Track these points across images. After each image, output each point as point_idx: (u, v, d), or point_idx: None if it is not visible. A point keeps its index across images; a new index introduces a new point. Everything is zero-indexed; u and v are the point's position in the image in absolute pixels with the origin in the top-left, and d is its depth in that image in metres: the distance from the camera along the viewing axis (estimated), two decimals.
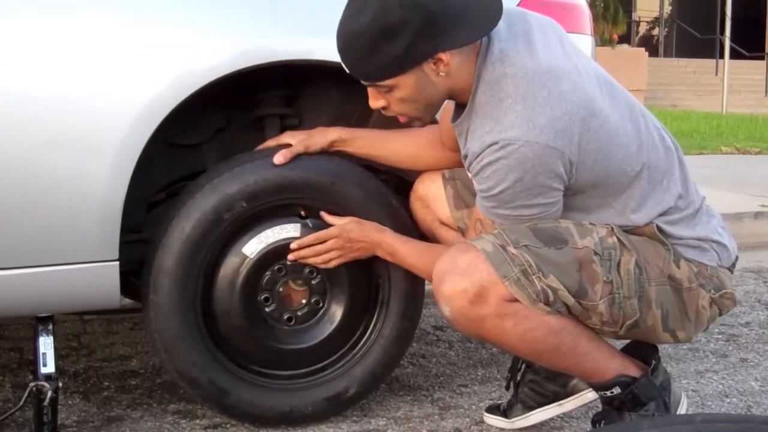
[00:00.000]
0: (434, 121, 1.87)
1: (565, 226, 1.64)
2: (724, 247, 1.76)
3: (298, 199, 1.93)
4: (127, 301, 2.57)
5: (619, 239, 1.65)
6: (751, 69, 15.99)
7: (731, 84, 13.79)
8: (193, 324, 1.88)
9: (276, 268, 1.94)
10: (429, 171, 2.00)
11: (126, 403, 2.14)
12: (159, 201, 2.06)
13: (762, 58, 16.28)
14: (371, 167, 2.02)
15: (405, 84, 1.61)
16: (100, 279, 1.81)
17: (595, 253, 1.62)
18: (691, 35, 16.95)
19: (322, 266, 1.92)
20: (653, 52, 17.91)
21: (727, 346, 2.64)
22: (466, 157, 1.67)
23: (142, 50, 1.78)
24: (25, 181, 1.72)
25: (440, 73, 1.61)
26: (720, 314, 1.79)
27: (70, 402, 2.13)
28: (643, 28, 20.77)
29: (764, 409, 2.18)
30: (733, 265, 1.80)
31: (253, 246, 1.91)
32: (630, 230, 1.68)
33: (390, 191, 2.02)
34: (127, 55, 1.77)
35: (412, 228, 2.04)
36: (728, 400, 2.22)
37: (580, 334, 1.65)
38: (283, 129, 2.08)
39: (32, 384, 1.76)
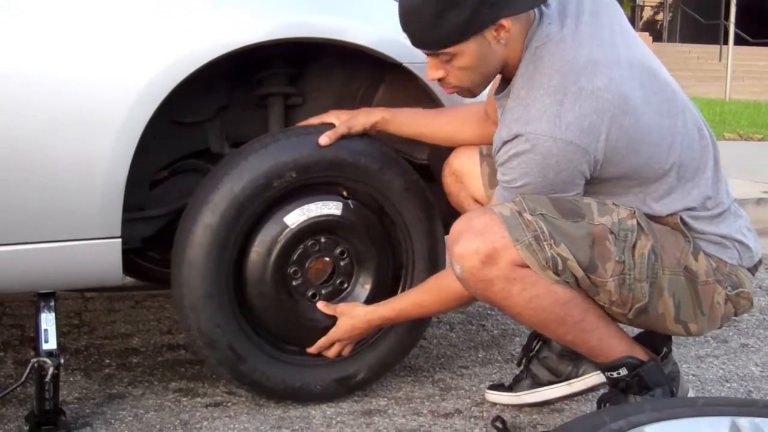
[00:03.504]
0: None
1: (587, 202, 1.64)
2: (747, 247, 1.76)
3: (344, 178, 1.94)
4: (129, 280, 2.59)
5: (638, 223, 1.64)
6: (755, 55, 15.93)
7: (735, 70, 13.74)
8: (223, 285, 1.88)
9: (310, 243, 1.95)
10: (465, 146, 1.98)
11: (127, 381, 2.15)
12: (161, 179, 2.06)
13: (766, 44, 16.21)
14: None
15: (467, 52, 1.61)
16: (102, 256, 1.80)
17: (611, 232, 1.61)
18: (695, 20, 16.89)
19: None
20: (657, 37, 17.85)
21: (728, 332, 2.64)
22: (495, 141, 1.67)
23: (147, 26, 1.77)
24: (28, 157, 1.71)
25: (501, 41, 1.61)
26: (735, 314, 1.78)
27: (71, 379, 2.14)
28: (647, 13, 20.68)
29: (764, 393, 2.18)
30: (755, 266, 1.79)
31: (295, 217, 1.92)
32: (654, 219, 1.68)
33: (426, 186, 2.03)
34: (130, 31, 1.76)
35: (442, 226, 2.04)
36: (728, 385, 2.22)
37: (588, 309, 1.65)
38: (286, 108, 2.08)
39: (34, 360, 1.76)
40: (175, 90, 1.77)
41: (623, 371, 1.71)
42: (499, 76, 1.74)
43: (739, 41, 14.91)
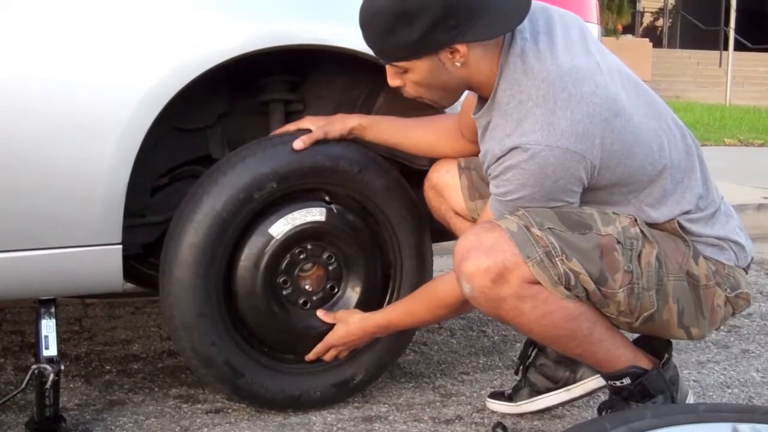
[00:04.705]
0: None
1: (589, 212, 1.63)
2: (741, 247, 1.76)
3: (325, 183, 1.94)
4: (129, 286, 2.59)
5: (641, 230, 1.64)
6: (755, 61, 15.96)
7: (735, 76, 13.76)
8: (214, 302, 1.88)
9: (297, 251, 1.95)
10: (444, 159, 1.99)
11: (127, 387, 2.14)
12: (162, 185, 2.06)
13: (766, 50, 16.23)
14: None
15: (419, 68, 1.61)
16: (102, 262, 1.80)
17: (618, 242, 1.60)
18: (695, 26, 16.92)
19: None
20: (657, 42, 17.85)
21: (729, 337, 2.64)
22: (485, 155, 1.67)
23: (148, 32, 1.77)
24: (29, 164, 1.71)
25: (456, 63, 1.60)
26: (733, 314, 1.78)
27: (71, 385, 2.14)
28: (647, 19, 20.70)
29: (766, 399, 2.18)
30: (749, 265, 1.79)
31: (280, 227, 1.91)
32: (651, 225, 1.68)
33: (408, 184, 2.03)
34: (131, 38, 1.76)
35: (427, 222, 2.05)
36: (729, 391, 2.22)
37: (596, 321, 1.65)
38: (287, 114, 2.08)
39: (34, 367, 1.76)
40: (176, 96, 1.77)
41: (626, 380, 1.71)
42: (476, 95, 1.74)
43: (739, 47, 14.94)
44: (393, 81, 1.68)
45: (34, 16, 1.71)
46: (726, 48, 14.53)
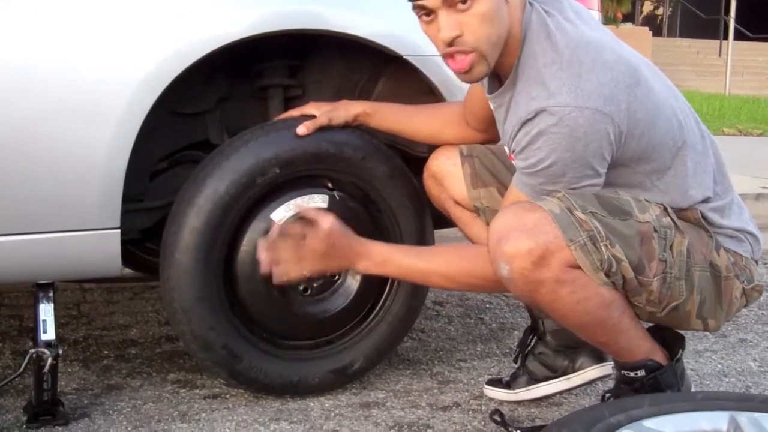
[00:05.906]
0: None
1: (626, 198, 1.61)
2: (756, 239, 1.76)
3: (328, 170, 1.94)
4: (128, 271, 2.58)
5: (672, 220, 1.63)
6: (755, 50, 15.91)
7: (734, 65, 13.73)
8: (214, 286, 1.88)
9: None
10: (444, 147, 1.97)
11: (125, 372, 2.14)
12: (161, 170, 2.05)
13: (766, 39, 16.19)
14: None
15: None
16: (101, 247, 1.80)
17: (655, 230, 1.59)
18: (695, 15, 16.86)
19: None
20: (657, 31, 17.80)
21: (727, 327, 2.64)
22: (506, 133, 1.64)
23: (147, 16, 1.76)
24: (28, 148, 1.71)
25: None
26: (745, 305, 1.77)
27: (69, 370, 2.14)
28: (647, 8, 20.64)
29: (762, 388, 2.18)
30: (759, 258, 1.79)
31: (281, 213, 1.91)
32: (675, 214, 1.66)
33: (410, 172, 2.03)
34: (130, 21, 1.75)
35: (429, 209, 2.05)
36: (727, 380, 2.22)
37: (625, 310, 1.63)
38: (286, 100, 2.08)
39: (32, 351, 1.76)
40: (175, 81, 1.77)
41: (641, 372, 1.69)
42: (484, 84, 1.72)
43: (739, 36, 14.90)
44: (451, 31, 1.55)
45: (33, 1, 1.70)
46: (726, 37, 14.48)
